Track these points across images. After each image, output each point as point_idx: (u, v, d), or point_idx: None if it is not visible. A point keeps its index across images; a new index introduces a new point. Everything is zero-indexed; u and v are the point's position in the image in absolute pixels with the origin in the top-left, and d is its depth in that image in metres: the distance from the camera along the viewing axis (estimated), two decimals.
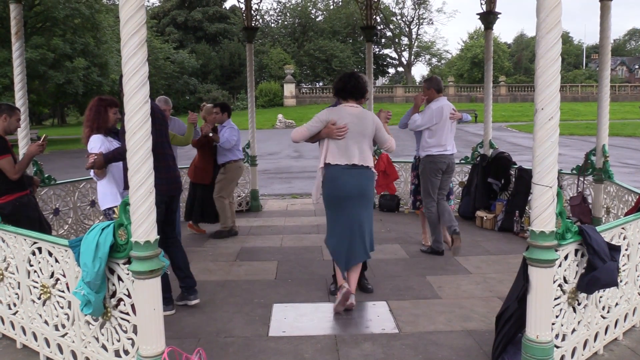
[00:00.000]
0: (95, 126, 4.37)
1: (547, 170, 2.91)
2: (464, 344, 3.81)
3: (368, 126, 4.42)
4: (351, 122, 4.35)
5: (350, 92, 4.45)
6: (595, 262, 3.22)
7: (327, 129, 4.35)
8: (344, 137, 4.34)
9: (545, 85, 2.88)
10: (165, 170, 4.41)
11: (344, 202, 4.40)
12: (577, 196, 6.50)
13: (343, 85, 4.46)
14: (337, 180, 4.38)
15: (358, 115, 4.39)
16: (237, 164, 7.03)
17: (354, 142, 4.36)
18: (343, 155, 4.36)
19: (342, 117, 4.35)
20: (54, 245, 3.46)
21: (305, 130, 4.42)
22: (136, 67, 2.72)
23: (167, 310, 4.24)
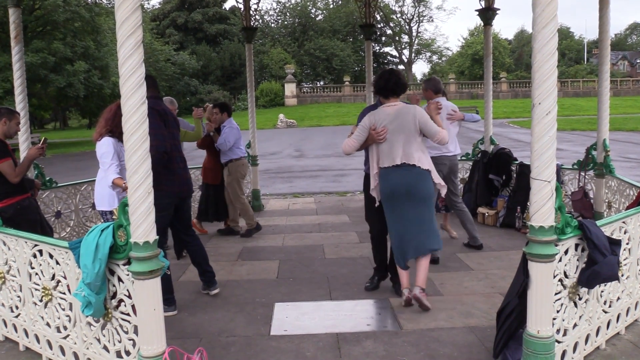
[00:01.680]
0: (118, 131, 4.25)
1: (546, 165, 2.91)
2: (466, 341, 3.81)
3: (408, 122, 4.34)
4: (389, 122, 4.34)
5: (392, 90, 4.44)
6: (596, 256, 3.21)
7: (370, 135, 4.39)
8: (386, 139, 4.35)
9: (542, 79, 2.87)
10: (176, 172, 4.49)
11: (393, 200, 4.41)
12: (579, 191, 6.49)
13: (385, 83, 4.44)
14: (385, 180, 4.42)
15: (396, 114, 4.36)
16: (239, 162, 7.03)
17: (396, 142, 4.34)
18: (387, 156, 4.38)
19: (380, 119, 4.37)
20: (55, 247, 3.46)
21: (354, 141, 4.46)
22: (133, 68, 2.73)
23: (169, 310, 4.27)
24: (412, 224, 4.40)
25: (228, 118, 7.06)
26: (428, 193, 4.44)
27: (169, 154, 4.38)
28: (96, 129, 4.53)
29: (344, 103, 48.40)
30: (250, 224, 7.13)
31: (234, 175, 6.99)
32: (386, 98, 4.47)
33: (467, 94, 50.31)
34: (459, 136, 6.28)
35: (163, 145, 4.31)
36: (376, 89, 4.51)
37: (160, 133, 4.27)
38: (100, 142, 4.41)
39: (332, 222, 7.91)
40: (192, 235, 4.88)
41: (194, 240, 4.86)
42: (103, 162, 4.35)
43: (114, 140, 4.37)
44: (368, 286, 4.92)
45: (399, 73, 4.54)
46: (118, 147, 4.35)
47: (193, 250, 4.84)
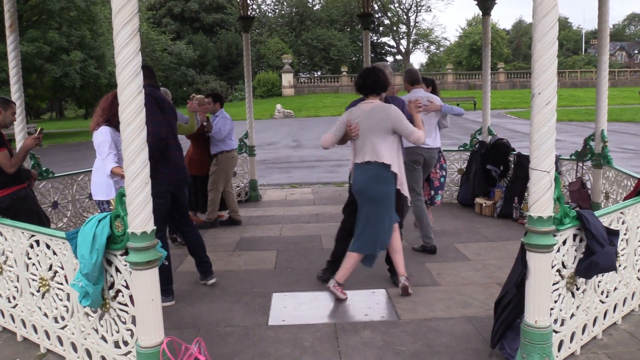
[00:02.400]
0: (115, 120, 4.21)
1: (545, 155, 2.90)
2: (464, 330, 3.82)
3: (381, 120, 4.32)
4: (362, 119, 4.38)
5: (370, 88, 4.44)
6: (594, 246, 3.22)
7: (347, 130, 4.45)
8: (359, 135, 4.39)
9: (541, 69, 2.86)
10: (173, 159, 4.48)
11: (359, 196, 4.48)
12: (576, 182, 6.49)
13: (363, 81, 4.45)
14: (356, 175, 4.49)
15: (369, 111, 4.38)
16: (229, 154, 6.99)
17: (366, 139, 4.38)
18: (359, 153, 4.44)
19: (355, 116, 4.41)
20: (52, 237, 3.45)
21: (332, 135, 4.54)
22: (129, 57, 2.70)
23: (167, 301, 4.27)
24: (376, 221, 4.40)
25: (220, 108, 7.02)
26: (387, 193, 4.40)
27: (165, 141, 4.36)
28: (93, 118, 4.50)
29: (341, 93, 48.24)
30: (210, 218, 7.07)
31: (220, 166, 6.94)
32: (365, 96, 4.49)
33: (464, 85, 50.23)
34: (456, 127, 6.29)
35: (159, 132, 4.30)
36: (355, 87, 4.54)
37: (157, 120, 4.27)
38: (97, 132, 4.38)
39: (330, 212, 7.91)
40: (190, 225, 4.87)
41: (191, 230, 4.85)
42: (101, 152, 4.32)
43: (111, 130, 4.34)
44: (321, 276, 4.94)
45: (380, 71, 4.45)
46: (115, 136, 4.32)
47: (191, 240, 4.83)
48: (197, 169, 7.00)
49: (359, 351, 3.57)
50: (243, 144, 8.85)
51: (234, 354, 3.57)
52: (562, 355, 3.34)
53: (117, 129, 4.29)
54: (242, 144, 8.84)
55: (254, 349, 3.64)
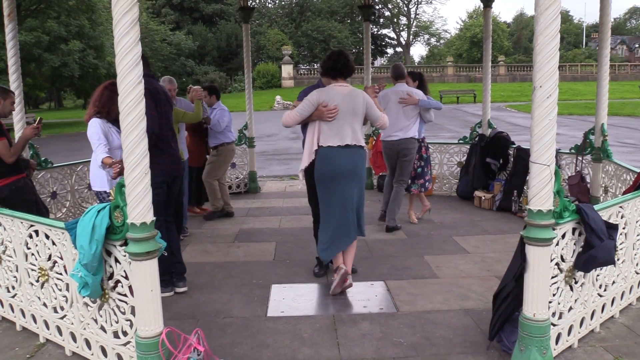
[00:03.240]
0: (105, 110, 4.32)
1: (545, 149, 2.90)
2: (462, 323, 3.83)
3: (359, 105, 4.36)
4: (342, 102, 4.29)
5: (340, 71, 4.39)
6: (593, 240, 3.22)
7: (318, 111, 4.29)
8: (335, 118, 4.29)
9: (543, 62, 2.85)
10: (168, 150, 4.42)
11: (337, 181, 4.33)
12: (576, 175, 6.49)
13: (333, 64, 4.38)
14: (330, 158, 4.32)
15: (348, 95, 4.34)
16: (229, 146, 6.99)
17: (346, 122, 4.32)
18: (335, 135, 4.32)
19: (332, 98, 4.29)
20: (51, 227, 3.45)
21: (297, 114, 4.34)
22: (129, 46, 2.68)
23: (165, 292, 4.27)
24: (352, 206, 4.38)
25: (217, 101, 7.01)
26: (365, 175, 4.55)
27: (158, 135, 4.28)
28: (87, 110, 4.48)
29: None
30: (216, 206, 7.08)
31: (220, 158, 6.94)
32: (333, 79, 4.41)
33: (464, 77, 50.10)
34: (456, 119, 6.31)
35: (151, 127, 4.22)
36: (324, 69, 4.45)
37: (149, 113, 4.19)
38: (89, 124, 4.36)
39: None
40: (171, 221, 4.69)
41: (171, 226, 4.65)
42: (92, 143, 4.31)
43: (101, 121, 4.32)
44: (318, 272, 4.89)
45: (348, 55, 4.47)
46: (106, 127, 4.32)
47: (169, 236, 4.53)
48: (196, 160, 7.01)
49: (358, 343, 3.58)
50: (242, 135, 8.84)
51: (232, 345, 3.58)
52: (559, 348, 3.36)
53: (108, 119, 4.30)
54: (242, 136, 8.83)
55: (253, 339, 3.65)
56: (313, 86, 4.69)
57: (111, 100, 4.20)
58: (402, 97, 6.19)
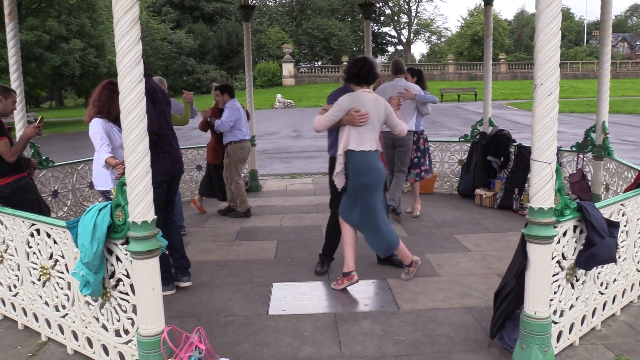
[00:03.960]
0: (105, 110, 4.33)
1: (546, 146, 2.89)
2: (463, 321, 3.83)
3: (381, 112, 4.45)
4: (371, 108, 4.36)
5: (365, 78, 4.45)
6: (594, 238, 3.22)
7: (349, 116, 4.33)
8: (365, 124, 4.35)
9: (544, 60, 2.84)
10: (168, 150, 4.43)
11: (369, 189, 4.39)
12: (577, 173, 6.49)
13: (358, 70, 4.43)
14: (364, 166, 4.36)
15: (374, 102, 4.41)
16: (237, 145, 6.97)
17: (372, 128, 4.39)
18: (365, 141, 4.37)
19: (363, 104, 4.35)
20: (52, 226, 3.45)
21: (327, 120, 4.38)
22: (129, 45, 2.68)
23: (167, 290, 4.27)
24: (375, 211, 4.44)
25: (230, 99, 7.01)
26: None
27: (157, 134, 4.28)
28: (87, 111, 4.48)
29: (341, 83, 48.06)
30: (242, 208, 7.11)
31: (232, 157, 6.97)
32: (358, 85, 4.47)
33: (465, 75, 50.06)
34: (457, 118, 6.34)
35: (151, 126, 4.22)
36: (349, 75, 4.49)
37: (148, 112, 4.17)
38: (90, 124, 4.36)
39: None
40: (172, 218, 4.71)
41: (172, 222, 4.70)
42: (95, 143, 4.31)
43: (102, 121, 4.32)
44: (319, 270, 4.91)
45: (373, 61, 4.54)
46: (107, 126, 4.32)
47: (171, 232, 4.63)
48: (212, 157, 7.25)
49: (359, 341, 3.58)
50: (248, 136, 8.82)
51: (234, 343, 3.58)
52: (560, 346, 3.36)
53: (109, 118, 4.30)
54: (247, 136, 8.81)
55: (254, 338, 3.65)
56: (341, 89, 4.71)
57: (111, 99, 4.23)
58: (400, 91, 6.41)
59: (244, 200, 7.13)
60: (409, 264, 4.65)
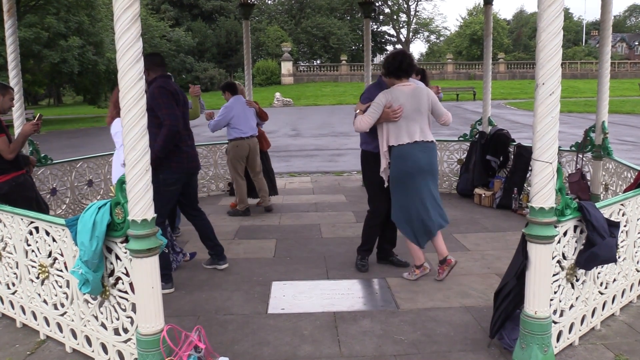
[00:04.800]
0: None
1: (548, 146, 2.89)
2: (462, 320, 3.83)
3: (424, 102, 4.45)
4: (406, 101, 4.37)
5: (405, 71, 4.46)
6: (594, 238, 3.21)
7: (384, 113, 4.38)
8: (401, 117, 4.36)
9: (546, 59, 2.84)
10: (185, 149, 4.55)
11: (416, 177, 4.43)
12: (576, 173, 6.49)
13: (399, 64, 4.43)
14: (406, 156, 4.41)
15: (412, 93, 4.42)
16: (233, 143, 6.95)
17: (412, 120, 4.40)
18: (405, 134, 4.39)
19: (396, 98, 4.37)
20: (51, 224, 3.44)
21: (369, 118, 4.41)
22: (130, 42, 2.67)
23: (166, 288, 4.27)
24: (434, 199, 4.53)
25: (232, 96, 6.99)
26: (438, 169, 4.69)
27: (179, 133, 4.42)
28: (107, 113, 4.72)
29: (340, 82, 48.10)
30: (241, 207, 7.09)
31: (230, 156, 6.97)
32: (398, 79, 4.48)
33: (464, 75, 50.09)
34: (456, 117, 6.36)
35: (176, 125, 4.34)
36: (389, 69, 4.49)
37: (173, 113, 4.33)
38: (112, 125, 4.64)
39: (329, 201, 7.91)
40: (198, 210, 4.94)
41: (200, 215, 4.92)
42: (116, 142, 4.58)
43: None
44: (364, 268, 4.91)
45: (410, 55, 4.63)
46: None
47: (200, 224, 4.89)
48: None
49: (358, 340, 3.58)
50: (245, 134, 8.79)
51: (233, 342, 3.57)
52: (560, 346, 3.36)
53: None
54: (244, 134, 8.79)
55: (253, 337, 3.65)
56: (374, 84, 4.75)
57: None
58: None
59: (244, 199, 7.12)
60: (418, 265, 4.65)
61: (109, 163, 7.21)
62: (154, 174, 4.06)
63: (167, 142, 4.28)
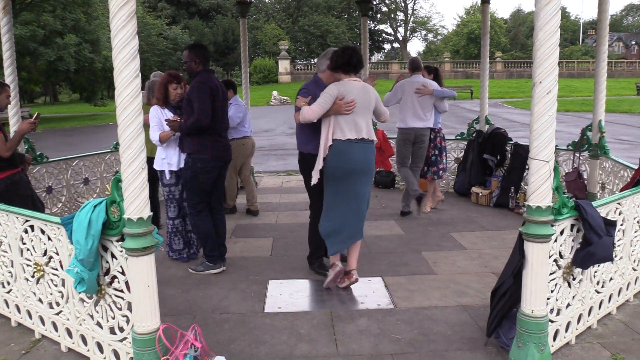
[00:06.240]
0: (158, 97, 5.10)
1: (544, 145, 2.89)
2: (459, 319, 3.83)
3: (372, 100, 4.40)
4: (357, 96, 4.29)
5: (354, 66, 4.38)
6: (591, 237, 3.22)
7: (335, 104, 4.24)
8: (352, 112, 4.27)
9: (543, 58, 2.84)
10: (221, 139, 4.85)
11: (351, 177, 4.29)
12: (573, 172, 6.49)
13: (348, 59, 4.34)
14: (345, 153, 4.26)
15: (362, 89, 4.36)
16: (240, 141, 6.92)
17: (361, 116, 4.32)
18: (352, 129, 4.29)
19: (349, 92, 4.27)
20: (46, 223, 3.42)
21: (319, 107, 4.24)
22: (126, 40, 2.66)
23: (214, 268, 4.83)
24: (364, 203, 4.42)
25: (234, 95, 6.96)
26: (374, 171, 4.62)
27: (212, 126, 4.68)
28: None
29: None
30: (228, 204, 7.05)
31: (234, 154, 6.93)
32: (346, 73, 4.36)
33: (461, 74, 50.11)
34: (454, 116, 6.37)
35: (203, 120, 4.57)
36: (337, 63, 4.35)
37: (204, 109, 4.55)
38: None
39: None
40: (221, 205, 5.12)
41: (220, 211, 5.04)
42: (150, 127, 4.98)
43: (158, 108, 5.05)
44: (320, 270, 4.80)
45: (359, 50, 4.58)
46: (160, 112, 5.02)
47: (217, 220, 4.96)
48: None
49: (355, 339, 3.57)
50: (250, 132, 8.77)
51: (230, 341, 3.56)
52: (557, 345, 3.36)
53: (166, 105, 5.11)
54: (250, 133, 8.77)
55: (250, 336, 3.64)
56: (311, 82, 4.69)
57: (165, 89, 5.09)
58: (418, 87, 6.49)
59: (233, 197, 7.11)
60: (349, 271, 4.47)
61: (105, 161, 7.19)
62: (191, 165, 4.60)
63: (190, 128, 4.60)
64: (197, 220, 4.80)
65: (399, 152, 6.74)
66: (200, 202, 4.78)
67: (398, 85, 6.59)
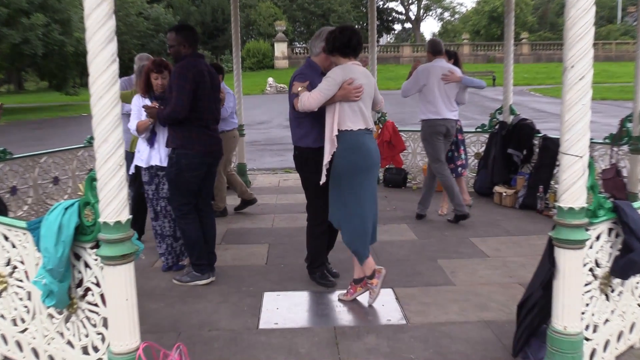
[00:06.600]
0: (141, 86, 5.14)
1: (577, 138, 2.89)
2: (481, 337, 3.83)
3: (372, 86, 4.44)
4: (364, 82, 4.29)
5: (354, 49, 4.37)
6: (632, 242, 3.21)
7: (343, 89, 4.20)
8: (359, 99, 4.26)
9: (575, 39, 2.83)
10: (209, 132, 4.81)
11: (368, 173, 4.32)
12: (610, 169, 6.50)
13: (348, 40, 4.31)
14: (362, 147, 4.27)
15: (365, 75, 4.37)
16: (230, 133, 6.99)
17: (365, 105, 4.35)
18: (360, 119, 4.29)
19: (355, 76, 4.26)
20: (10, 227, 3.42)
21: (320, 94, 4.20)
22: (101, 19, 2.65)
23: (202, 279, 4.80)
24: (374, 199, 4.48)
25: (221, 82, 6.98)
26: None
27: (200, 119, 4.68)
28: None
29: None
30: (218, 206, 7.08)
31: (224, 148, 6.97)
32: (344, 56, 4.34)
33: (482, 57, 50.15)
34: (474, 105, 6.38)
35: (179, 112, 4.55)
36: (335, 45, 4.31)
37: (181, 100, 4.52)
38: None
39: None
40: (209, 207, 5.16)
41: (208, 214, 5.06)
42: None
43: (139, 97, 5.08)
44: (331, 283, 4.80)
45: (359, 32, 4.50)
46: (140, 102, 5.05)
47: (205, 223, 4.97)
48: None
49: (362, 359, 3.57)
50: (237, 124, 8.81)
51: None
52: None
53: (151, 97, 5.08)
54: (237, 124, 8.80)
55: (242, 356, 3.65)
56: (305, 66, 4.70)
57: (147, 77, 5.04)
58: (445, 73, 6.41)
59: (223, 199, 7.17)
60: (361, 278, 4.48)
61: (77, 158, 7.22)
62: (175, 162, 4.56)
63: (166, 119, 4.66)
64: (183, 224, 4.80)
65: (432, 147, 6.50)
66: (186, 203, 4.78)
67: (420, 71, 6.47)
